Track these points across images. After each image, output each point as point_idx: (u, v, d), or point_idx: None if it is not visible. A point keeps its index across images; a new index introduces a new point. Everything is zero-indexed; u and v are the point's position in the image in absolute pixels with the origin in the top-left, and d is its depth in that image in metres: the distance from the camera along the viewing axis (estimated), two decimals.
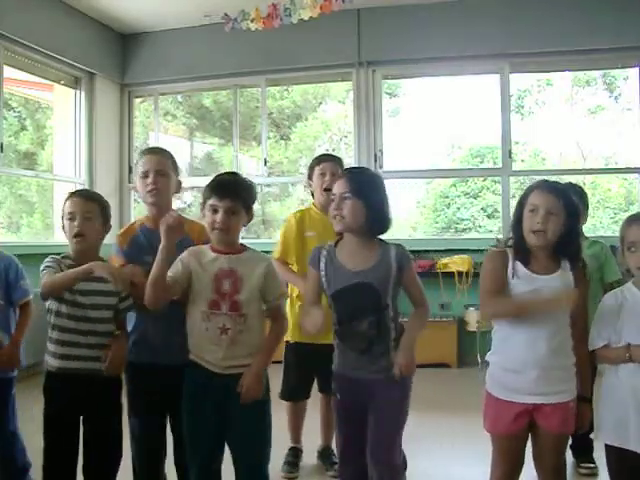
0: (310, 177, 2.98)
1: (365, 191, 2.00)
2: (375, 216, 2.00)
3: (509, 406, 1.92)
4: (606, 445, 1.95)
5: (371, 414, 2.01)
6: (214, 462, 2.05)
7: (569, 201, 1.92)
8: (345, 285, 1.98)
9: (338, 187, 2.03)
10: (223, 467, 2.08)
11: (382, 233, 2.06)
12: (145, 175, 2.28)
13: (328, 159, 2.98)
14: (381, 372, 1.98)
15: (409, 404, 2.05)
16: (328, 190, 2.86)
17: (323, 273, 2.02)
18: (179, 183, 2.38)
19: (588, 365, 1.99)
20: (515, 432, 1.92)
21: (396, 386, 1.98)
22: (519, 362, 1.90)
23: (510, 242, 1.99)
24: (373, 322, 1.96)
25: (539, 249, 1.92)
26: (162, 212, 2.25)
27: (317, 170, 2.92)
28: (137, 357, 2.28)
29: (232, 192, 2.00)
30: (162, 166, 2.30)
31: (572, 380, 1.94)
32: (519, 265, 1.93)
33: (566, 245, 1.92)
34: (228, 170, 6.99)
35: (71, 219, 2.13)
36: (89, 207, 2.15)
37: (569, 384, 1.93)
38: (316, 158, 3.02)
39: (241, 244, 2.09)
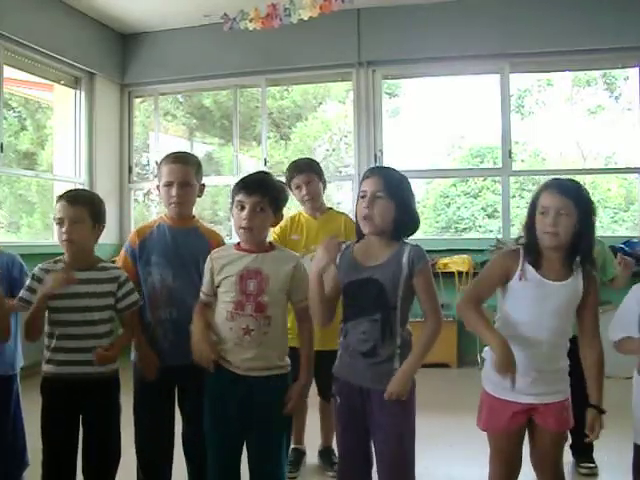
0: (289, 186, 2.94)
1: (397, 191, 1.92)
2: (404, 217, 1.92)
3: (505, 405, 1.92)
4: (635, 445, 1.96)
5: (375, 434, 1.94)
6: (236, 461, 2.04)
7: (581, 199, 1.88)
8: (354, 279, 1.92)
9: (370, 185, 1.91)
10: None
11: (410, 235, 1.98)
12: (169, 184, 2.28)
13: (297, 170, 2.93)
14: (382, 382, 1.89)
15: (415, 420, 1.95)
16: (308, 200, 2.91)
17: (339, 267, 1.97)
18: (202, 187, 2.38)
19: (600, 372, 1.93)
20: (511, 430, 1.92)
21: (399, 401, 1.88)
22: (517, 366, 1.87)
23: (521, 240, 1.96)
24: (378, 321, 1.88)
25: (552, 251, 1.90)
26: (183, 217, 2.33)
27: (293, 184, 2.91)
28: None
29: (260, 189, 1.97)
30: (186, 177, 2.29)
31: (566, 380, 1.95)
32: (529, 267, 1.91)
33: (579, 243, 1.88)
34: (228, 170, 7.02)
35: (59, 224, 2.11)
36: (76, 212, 2.12)
37: (563, 384, 1.94)
38: (290, 169, 2.97)
39: (270, 242, 2.08)
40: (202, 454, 2.08)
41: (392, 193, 1.90)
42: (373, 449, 1.96)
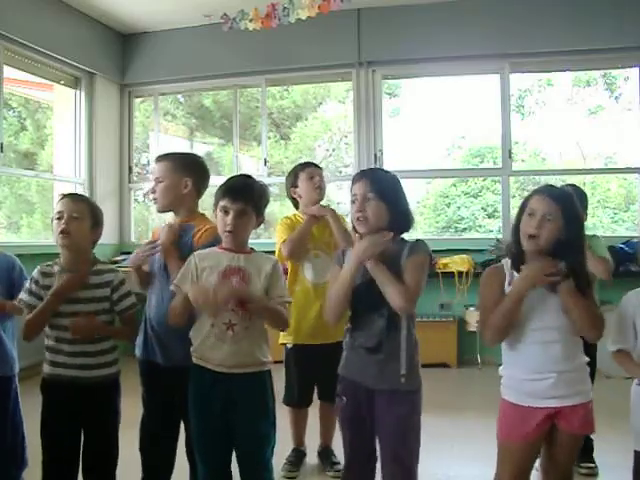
0: (294, 185, 2.98)
1: (387, 191, 1.96)
2: (398, 216, 1.97)
3: (529, 412, 1.87)
4: (635, 452, 1.95)
5: (379, 433, 1.97)
6: (224, 462, 2.06)
7: (569, 208, 1.87)
8: (361, 281, 1.95)
9: (359, 188, 1.96)
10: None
11: (405, 231, 2.02)
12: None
13: (312, 164, 3.05)
14: (386, 382, 1.92)
15: (420, 420, 1.98)
16: (319, 188, 2.94)
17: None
18: (186, 182, 2.35)
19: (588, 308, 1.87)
20: (533, 439, 1.88)
21: (403, 401, 1.93)
22: (535, 370, 1.87)
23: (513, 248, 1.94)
24: (384, 315, 1.92)
25: (534, 256, 1.87)
26: (177, 213, 2.37)
27: (304, 175, 2.95)
28: (142, 354, 2.32)
29: (244, 195, 2.02)
30: (160, 173, 2.33)
31: (587, 381, 1.92)
32: (516, 276, 1.89)
33: (563, 255, 1.85)
34: (228, 170, 7.02)
35: (59, 218, 2.14)
36: (78, 207, 2.16)
37: (586, 385, 1.91)
38: (298, 165, 3.05)
39: (251, 248, 2.11)
40: None
41: (382, 193, 1.94)
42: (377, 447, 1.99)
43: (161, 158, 2.40)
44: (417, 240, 2.00)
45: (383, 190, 1.95)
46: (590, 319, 1.83)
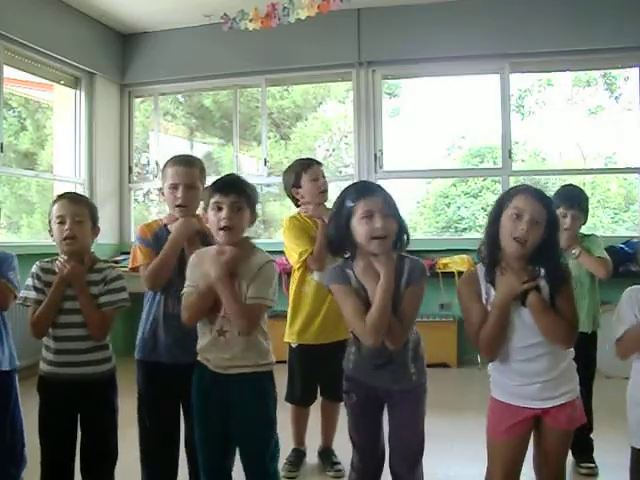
0: (296, 185, 2.93)
1: (396, 208, 1.93)
2: (402, 234, 1.94)
3: (516, 410, 1.89)
4: (632, 448, 1.94)
5: (391, 425, 2.02)
6: (224, 463, 2.04)
7: (552, 210, 1.86)
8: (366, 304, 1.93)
9: (375, 204, 1.86)
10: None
11: (404, 249, 1.97)
12: (174, 187, 2.28)
13: (314, 163, 2.96)
14: (399, 383, 1.98)
15: (424, 410, 2.05)
16: (324, 192, 2.91)
17: (358, 285, 1.93)
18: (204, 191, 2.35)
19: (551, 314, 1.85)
20: (518, 435, 1.89)
21: (413, 395, 2.00)
22: (521, 379, 1.88)
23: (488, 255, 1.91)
24: None
25: (514, 261, 1.85)
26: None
27: (307, 176, 2.90)
28: (151, 355, 2.29)
29: (236, 188, 1.97)
30: (192, 179, 2.29)
31: (574, 378, 1.92)
32: (492, 290, 1.88)
33: (543, 257, 1.84)
34: (228, 170, 7.02)
35: (61, 222, 2.12)
36: (79, 210, 2.15)
37: (572, 383, 1.91)
38: (299, 164, 2.98)
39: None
40: None
41: (393, 210, 1.91)
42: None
43: (189, 162, 2.34)
44: (415, 260, 1.97)
45: (394, 207, 1.92)
46: (556, 332, 1.82)
